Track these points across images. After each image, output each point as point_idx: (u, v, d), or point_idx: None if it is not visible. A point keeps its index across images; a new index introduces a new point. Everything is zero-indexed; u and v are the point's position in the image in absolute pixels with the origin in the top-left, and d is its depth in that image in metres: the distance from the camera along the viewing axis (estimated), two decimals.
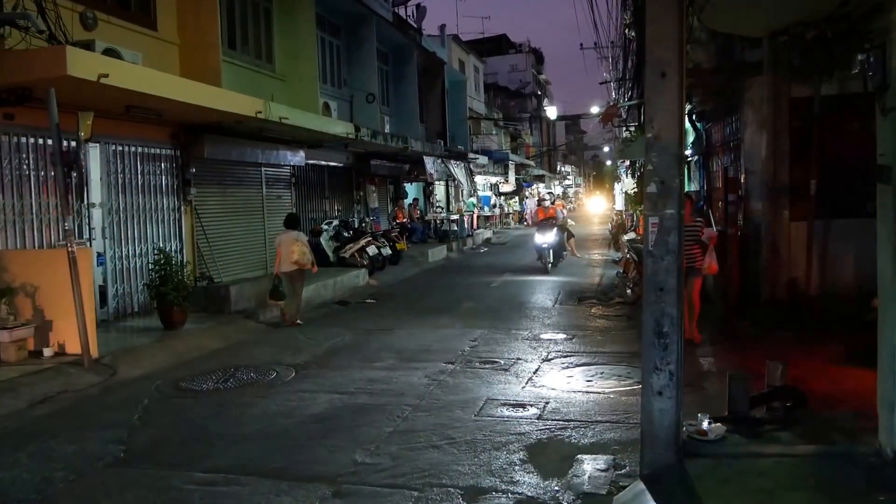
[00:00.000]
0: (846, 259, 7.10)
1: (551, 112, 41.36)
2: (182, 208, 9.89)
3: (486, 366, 6.43)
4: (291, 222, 9.15)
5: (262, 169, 12.11)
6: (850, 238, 7.05)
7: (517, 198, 36.80)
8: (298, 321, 8.83)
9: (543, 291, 11.43)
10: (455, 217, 22.01)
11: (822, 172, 7.11)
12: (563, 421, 4.77)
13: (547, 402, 5.22)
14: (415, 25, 20.36)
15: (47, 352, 6.54)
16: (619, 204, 19.38)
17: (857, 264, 6.97)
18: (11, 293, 6.52)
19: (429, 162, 18.54)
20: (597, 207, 44.18)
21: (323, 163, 14.36)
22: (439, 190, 24.57)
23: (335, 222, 14.06)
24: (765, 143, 7.19)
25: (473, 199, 26.22)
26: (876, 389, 3.65)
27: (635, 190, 17.20)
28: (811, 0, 3.59)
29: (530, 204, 33.72)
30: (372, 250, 13.38)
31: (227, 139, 10.42)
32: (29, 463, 4.26)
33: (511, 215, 32.83)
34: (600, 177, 61.60)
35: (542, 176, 44.80)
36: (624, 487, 3.63)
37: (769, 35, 4.52)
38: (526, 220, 32.79)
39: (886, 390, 3.53)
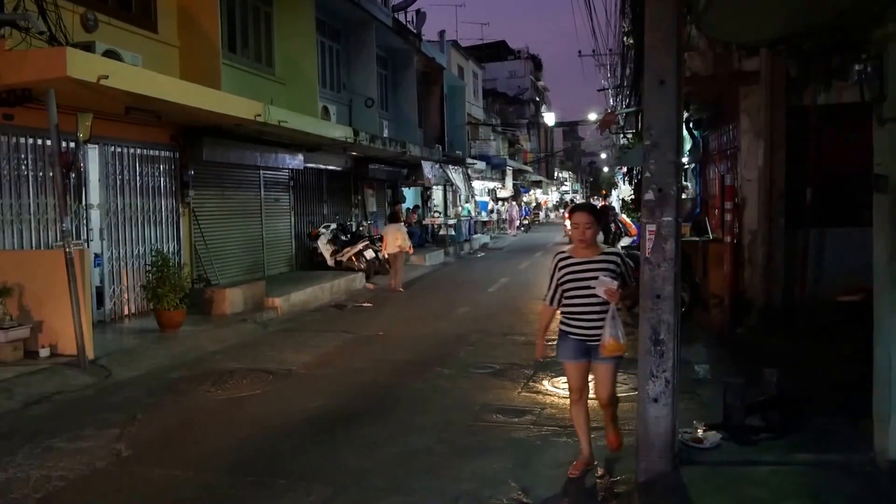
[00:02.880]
0: (842, 267, 7.12)
1: (549, 118, 41.41)
2: (180, 210, 9.89)
3: (482, 371, 6.42)
4: (394, 217, 13.47)
5: (261, 172, 12.11)
6: (845, 247, 7.08)
7: (515, 202, 36.87)
8: (400, 289, 12.10)
9: (541, 297, 11.44)
10: (452, 222, 22.03)
11: (818, 181, 7.15)
12: (559, 427, 4.77)
13: (543, 408, 5.22)
14: (414, 31, 20.42)
15: (43, 352, 6.52)
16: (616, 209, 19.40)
17: (853, 273, 6.99)
18: (8, 293, 6.50)
19: (427, 167, 18.57)
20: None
21: (321, 166, 14.37)
22: (437, 195, 24.60)
23: (333, 226, 14.05)
24: (762, 152, 7.23)
25: (469, 206, 26.25)
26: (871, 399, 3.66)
27: (632, 197, 17.24)
28: (809, 11, 3.62)
29: (511, 210, 32.21)
30: (369, 254, 13.38)
31: (226, 142, 10.43)
32: (24, 463, 4.24)
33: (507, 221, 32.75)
34: (597, 183, 61.75)
35: (540, 182, 44.90)
36: (619, 494, 3.63)
37: (767, 45, 4.55)
38: (507, 229, 30.72)
39: (881, 400, 3.54)
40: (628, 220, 15.54)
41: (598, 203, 17.66)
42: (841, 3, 3.35)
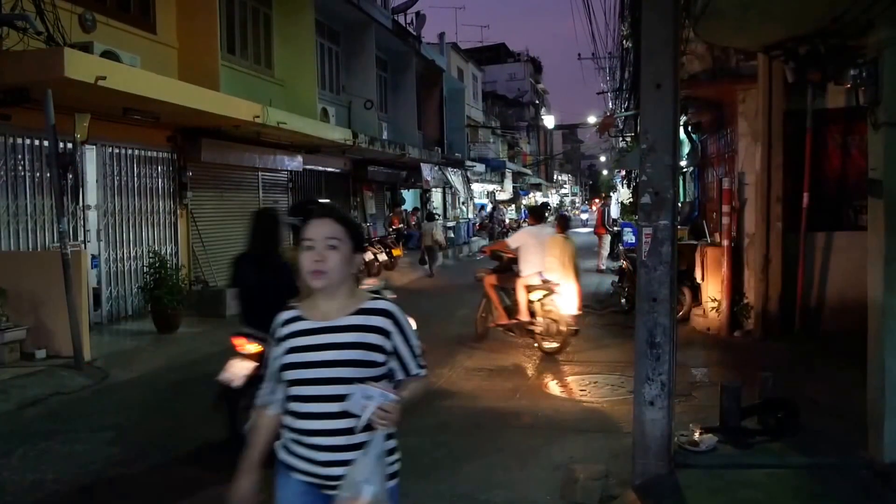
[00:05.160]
0: (838, 271, 7.14)
1: (549, 121, 41.51)
2: (178, 212, 9.88)
3: (481, 373, 6.42)
4: (430, 217, 15.58)
5: (259, 173, 12.12)
6: (842, 250, 7.10)
7: (514, 206, 36.88)
8: (432, 274, 14.15)
9: None
10: (451, 224, 22.03)
11: (815, 185, 7.17)
12: (556, 430, 4.77)
13: (541, 410, 5.22)
14: (414, 33, 20.45)
15: (39, 354, 6.51)
16: (615, 212, 19.39)
17: (849, 277, 7.01)
18: (4, 294, 6.49)
19: (426, 169, 18.58)
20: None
21: (320, 168, 14.38)
22: (436, 197, 24.62)
23: None
24: (759, 156, 7.24)
25: (465, 208, 26.26)
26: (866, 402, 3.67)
27: (630, 200, 17.27)
28: (805, 16, 3.64)
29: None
30: (368, 256, 13.38)
31: (224, 143, 10.43)
32: (19, 465, 4.23)
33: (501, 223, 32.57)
34: (597, 186, 61.83)
35: (539, 184, 44.94)
36: (615, 497, 3.63)
37: (763, 49, 4.57)
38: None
39: (876, 403, 3.55)
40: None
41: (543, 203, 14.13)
42: (835, 10, 3.36)
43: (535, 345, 7.05)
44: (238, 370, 4.15)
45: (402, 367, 1.91)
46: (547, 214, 12.07)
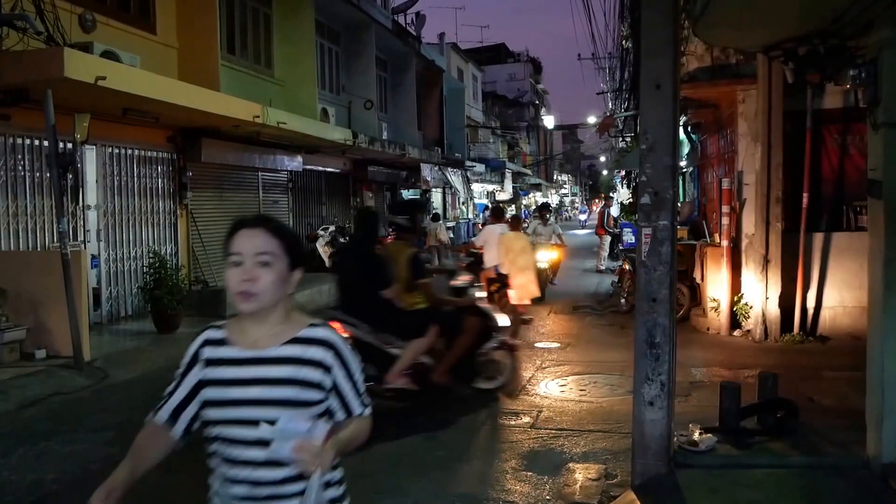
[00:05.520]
0: (838, 271, 7.15)
1: (549, 121, 41.52)
2: (178, 212, 9.89)
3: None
4: (435, 217, 15.73)
5: (259, 174, 12.12)
6: (841, 251, 7.11)
7: (514, 206, 36.86)
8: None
9: (537, 300, 11.43)
10: (451, 224, 22.02)
11: (814, 185, 7.18)
12: (556, 430, 4.77)
13: (540, 411, 5.22)
14: (414, 33, 20.45)
15: (39, 354, 6.51)
16: (615, 211, 19.39)
17: (849, 277, 7.02)
18: (4, 295, 6.49)
19: (425, 169, 18.58)
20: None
21: (320, 168, 14.38)
22: (436, 197, 24.61)
23: (331, 228, 14.05)
24: (758, 156, 7.25)
25: (465, 208, 26.28)
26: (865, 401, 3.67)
27: (630, 200, 17.27)
28: (804, 17, 3.64)
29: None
30: None
31: (224, 143, 10.43)
32: (19, 465, 4.24)
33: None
34: (597, 186, 61.83)
35: (539, 185, 44.94)
36: (615, 497, 3.63)
37: (763, 50, 4.57)
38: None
39: (874, 402, 3.55)
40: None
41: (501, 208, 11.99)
42: (835, 10, 3.37)
43: None
44: None
45: (342, 406, 1.62)
46: (548, 216, 12.00)
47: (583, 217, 40.32)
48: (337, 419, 1.61)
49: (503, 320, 5.38)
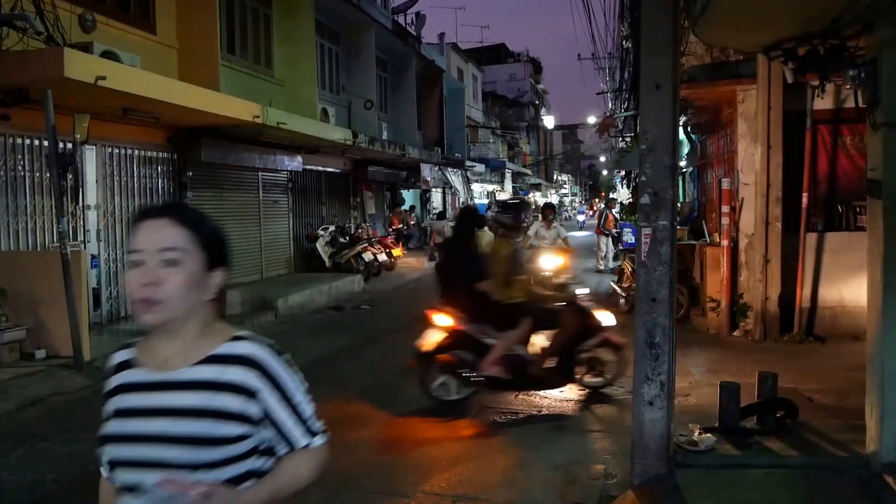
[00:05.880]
0: (837, 271, 7.15)
1: (549, 121, 41.53)
2: None
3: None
4: (441, 217, 16.29)
5: (259, 174, 12.12)
6: (841, 251, 7.11)
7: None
8: None
9: None
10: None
11: (814, 186, 7.18)
12: (555, 429, 4.78)
13: (539, 410, 5.23)
14: (414, 33, 20.46)
15: (39, 354, 6.51)
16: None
17: (848, 277, 7.02)
18: (4, 295, 6.49)
19: (425, 169, 18.58)
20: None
21: (320, 168, 14.38)
22: (436, 197, 24.62)
23: (331, 228, 14.07)
24: (758, 156, 7.25)
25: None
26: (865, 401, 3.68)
27: (630, 200, 17.27)
28: (804, 17, 3.64)
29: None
30: (368, 256, 13.38)
31: (224, 143, 10.43)
32: (19, 466, 4.24)
33: None
34: (596, 186, 61.83)
35: (539, 185, 44.95)
36: (614, 497, 3.63)
37: (762, 50, 4.57)
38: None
39: (874, 402, 3.55)
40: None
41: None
42: (834, 10, 3.37)
43: None
44: (429, 338, 5.11)
45: (282, 439, 1.31)
46: (552, 217, 11.93)
47: (581, 218, 38.72)
48: (279, 453, 1.32)
49: (607, 318, 5.50)
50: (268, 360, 1.30)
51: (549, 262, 9.38)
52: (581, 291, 5.78)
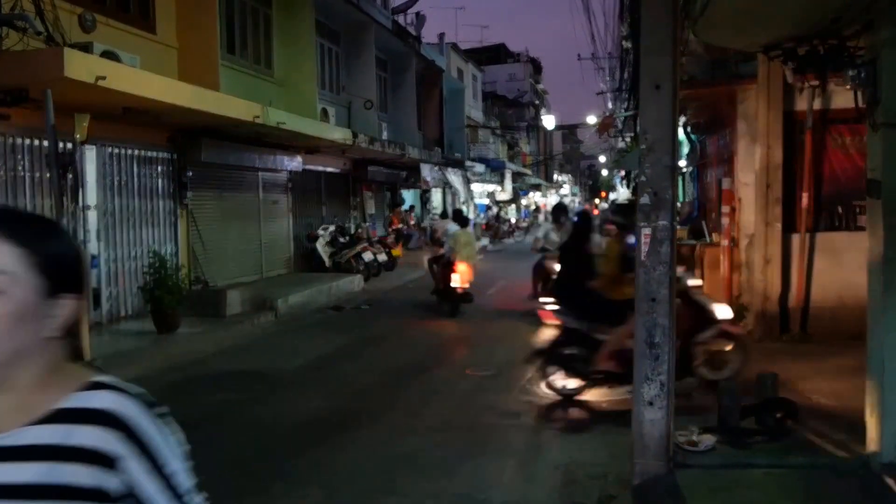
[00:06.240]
0: (837, 272, 7.15)
1: (548, 121, 41.50)
2: (178, 212, 9.89)
3: (480, 373, 6.43)
4: (444, 215, 14.97)
5: (259, 173, 12.12)
6: (840, 251, 7.11)
7: (514, 206, 36.88)
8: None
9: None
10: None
11: (814, 185, 7.18)
12: (555, 430, 4.78)
13: (539, 410, 5.23)
14: (414, 33, 20.47)
15: None
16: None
17: (848, 277, 7.01)
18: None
19: (425, 169, 18.59)
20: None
21: (320, 168, 14.38)
22: (436, 197, 24.63)
23: (331, 228, 14.07)
24: (758, 156, 7.25)
25: (465, 208, 26.29)
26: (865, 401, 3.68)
27: (630, 200, 17.26)
28: (804, 17, 3.64)
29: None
30: (367, 256, 13.39)
31: (224, 143, 10.44)
32: None
33: (506, 223, 32.32)
34: (596, 186, 61.84)
35: (539, 185, 44.96)
36: (614, 497, 3.64)
37: (762, 50, 4.57)
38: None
39: (874, 402, 3.55)
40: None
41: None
42: (834, 10, 3.37)
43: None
44: (545, 335, 5.51)
45: None
46: (562, 218, 11.70)
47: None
48: None
49: (723, 310, 5.57)
50: (134, 415, 0.98)
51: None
52: (693, 283, 5.86)
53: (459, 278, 9.43)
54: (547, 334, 5.50)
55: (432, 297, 10.36)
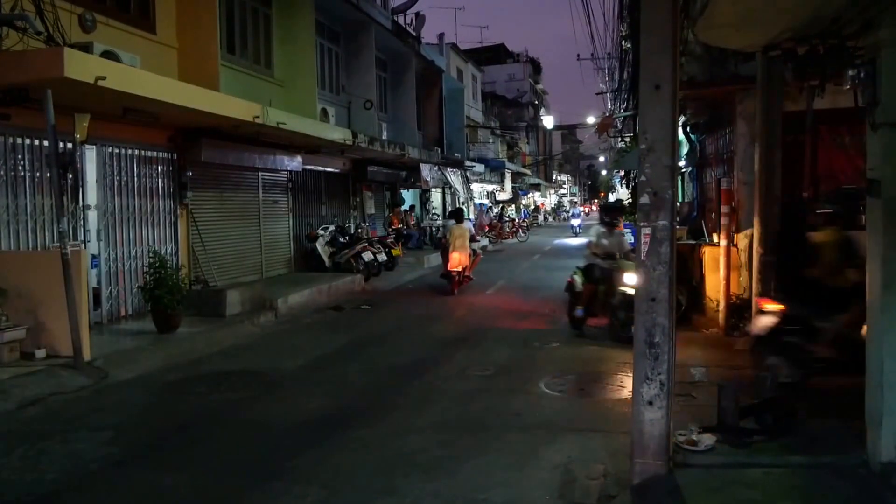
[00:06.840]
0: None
1: (548, 121, 41.56)
2: (178, 212, 9.89)
3: (480, 373, 6.43)
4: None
5: (259, 173, 12.13)
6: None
7: (514, 206, 36.90)
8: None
9: (538, 299, 11.45)
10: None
11: (814, 185, 7.18)
12: (555, 429, 4.78)
13: (539, 410, 5.23)
14: (414, 33, 20.47)
15: (39, 354, 6.51)
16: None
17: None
18: (4, 295, 6.49)
19: (425, 169, 18.59)
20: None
21: (320, 168, 14.38)
22: (436, 197, 24.63)
23: (331, 228, 14.08)
24: (758, 156, 7.25)
25: (465, 208, 26.28)
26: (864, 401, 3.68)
27: (629, 200, 17.28)
28: (804, 17, 3.65)
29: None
30: (367, 256, 13.39)
31: (224, 143, 10.44)
32: (19, 465, 4.24)
33: (507, 223, 32.23)
34: (595, 186, 61.85)
35: (539, 184, 44.99)
36: (614, 496, 3.64)
37: (762, 50, 4.58)
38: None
39: (873, 402, 3.56)
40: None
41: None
42: (834, 10, 3.37)
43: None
44: (762, 323, 5.42)
45: None
46: (618, 221, 11.38)
47: (576, 222, 30.53)
48: None
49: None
50: None
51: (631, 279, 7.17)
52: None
53: (451, 263, 12.15)
54: (764, 321, 5.38)
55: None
